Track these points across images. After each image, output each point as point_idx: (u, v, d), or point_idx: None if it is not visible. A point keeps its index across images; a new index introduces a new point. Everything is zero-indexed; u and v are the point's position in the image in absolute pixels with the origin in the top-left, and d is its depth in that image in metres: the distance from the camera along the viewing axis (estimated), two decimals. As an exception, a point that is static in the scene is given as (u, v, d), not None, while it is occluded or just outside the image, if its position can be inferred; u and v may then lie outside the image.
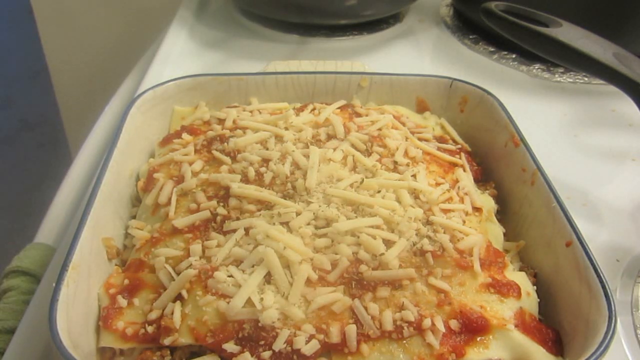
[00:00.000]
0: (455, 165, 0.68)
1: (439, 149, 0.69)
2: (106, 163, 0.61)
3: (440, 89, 0.78)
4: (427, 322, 0.48)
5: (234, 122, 0.70)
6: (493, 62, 1.09)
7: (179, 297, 0.51)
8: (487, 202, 0.65)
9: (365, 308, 0.49)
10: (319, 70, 0.80)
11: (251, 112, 0.73)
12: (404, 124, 0.72)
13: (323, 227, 0.55)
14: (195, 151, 0.66)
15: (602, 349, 0.45)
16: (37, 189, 2.34)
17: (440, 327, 0.48)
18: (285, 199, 0.58)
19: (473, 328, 0.49)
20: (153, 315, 0.50)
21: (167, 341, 0.48)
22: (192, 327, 0.48)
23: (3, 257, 0.76)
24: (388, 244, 0.53)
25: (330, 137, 0.67)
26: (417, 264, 0.53)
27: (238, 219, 0.56)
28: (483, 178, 0.71)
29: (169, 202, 0.59)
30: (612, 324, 0.47)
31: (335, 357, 0.47)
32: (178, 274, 0.52)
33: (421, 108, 0.79)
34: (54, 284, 0.48)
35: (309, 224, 0.55)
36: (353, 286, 0.51)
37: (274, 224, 0.55)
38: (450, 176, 0.65)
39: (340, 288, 0.51)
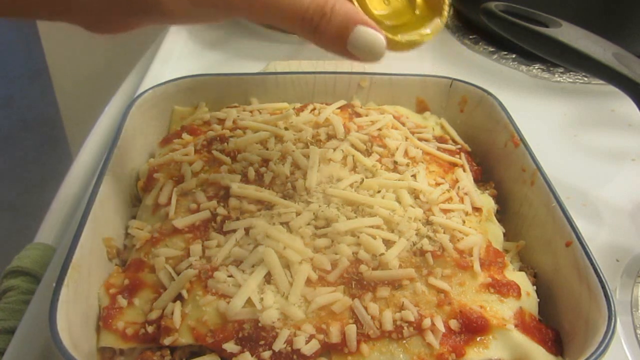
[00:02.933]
0: (455, 165, 0.68)
1: (438, 149, 0.69)
2: (106, 163, 0.61)
3: (440, 89, 0.78)
4: (427, 322, 0.48)
5: (234, 122, 0.70)
6: (493, 62, 1.09)
7: (179, 297, 0.51)
8: (487, 202, 0.65)
9: (365, 308, 0.49)
10: (319, 70, 0.80)
11: (251, 112, 0.73)
12: (404, 124, 0.72)
13: (323, 227, 0.55)
14: (195, 151, 0.66)
15: (602, 349, 0.45)
16: (37, 189, 2.34)
17: (440, 327, 0.48)
18: (285, 199, 0.58)
19: (473, 328, 0.49)
20: (153, 315, 0.50)
21: (167, 341, 0.48)
22: (192, 327, 0.48)
23: (3, 257, 0.76)
24: (388, 244, 0.53)
25: (330, 137, 0.67)
26: (417, 264, 0.53)
27: (238, 219, 0.56)
28: (483, 178, 0.71)
29: (169, 202, 0.59)
30: (612, 324, 0.47)
31: (335, 357, 0.47)
32: (178, 274, 0.52)
33: (421, 108, 0.79)
34: (54, 284, 0.48)
35: (309, 224, 0.55)
36: (353, 286, 0.51)
37: (274, 224, 0.55)
38: (450, 176, 0.65)
39: (340, 288, 0.51)
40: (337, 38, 0.47)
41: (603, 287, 0.49)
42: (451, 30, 1.21)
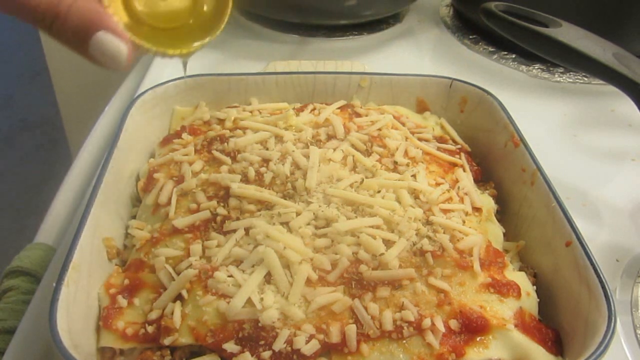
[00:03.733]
0: (455, 165, 0.68)
1: (438, 149, 0.69)
2: (106, 163, 0.61)
3: (440, 89, 0.78)
4: (427, 322, 0.48)
5: (234, 122, 0.70)
6: (493, 62, 1.10)
7: (179, 297, 0.51)
8: (487, 202, 0.65)
9: (365, 308, 0.49)
10: (319, 70, 0.80)
11: (251, 112, 0.73)
12: (404, 124, 0.72)
13: (323, 227, 0.55)
14: (196, 151, 0.66)
15: (601, 348, 0.45)
16: (37, 189, 2.34)
17: (440, 327, 0.48)
18: (285, 199, 0.58)
19: (473, 328, 0.49)
20: (153, 315, 0.50)
21: (167, 341, 0.48)
22: (192, 327, 0.48)
23: (3, 257, 0.76)
24: (388, 244, 0.53)
25: (330, 137, 0.67)
26: (417, 264, 0.53)
27: (238, 219, 0.56)
28: (483, 178, 0.71)
29: (169, 202, 0.59)
30: (612, 324, 0.47)
31: (335, 357, 0.47)
32: (178, 274, 0.52)
33: (421, 108, 0.79)
34: (54, 284, 0.48)
35: (309, 224, 0.55)
36: (353, 286, 0.51)
37: (274, 224, 0.55)
38: (450, 176, 0.65)
39: (340, 288, 0.51)
40: (76, 42, 0.44)
41: (603, 287, 0.49)
42: (451, 30, 1.21)
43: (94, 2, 0.44)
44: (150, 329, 0.49)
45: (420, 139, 0.69)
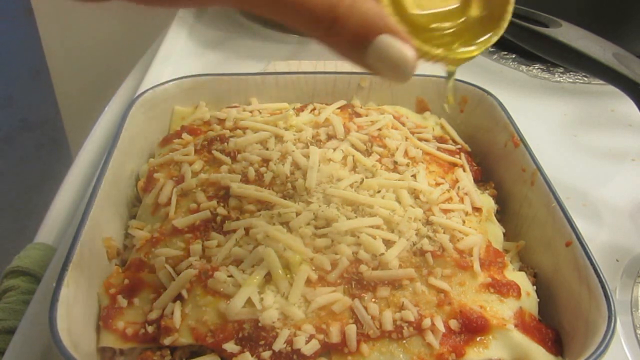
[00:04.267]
0: (455, 165, 0.68)
1: (438, 149, 0.69)
2: (106, 163, 0.61)
3: (440, 89, 0.78)
4: (427, 322, 0.48)
5: (234, 122, 0.70)
6: (493, 62, 1.10)
7: (179, 297, 0.51)
8: (487, 202, 0.65)
9: (365, 308, 0.49)
10: (319, 71, 0.80)
11: (251, 112, 0.73)
12: (404, 124, 0.72)
13: (323, 227, 0.55)
14: (195, 151, 0.66)
15: (601, 348, 0.45)
16: (37, 189, 2.34)
17: (440, 327, 0.48)
18: (285, 199, 0.58)
19: (473, 328, 0.49)
20: (153, 315, 0.50)
21: (167, 341, 0.48)
22: (192, 327, 0.48)
23: (3, 257, 0.76)
24: (388, 244, 0.53)
25: (330, 137, 0.67)
26: (417, 264, 0.53)
27: (238, 219, 0.56)
28: (483, 178, 0.71)
29: (169, 202, 0.59)
30: (612, 324, 0.47)
31: (335, 357, 0.47)
32: (178, 274, 0.52)
33: (421, 108, 0.80)
34: (54, 284, 0.48)
35: (309, 224, 0.55)
36: (353, 286, 0.51)
37: (274, 224, 0.55)
38: (450, 176, 0.65)
39: (340, 288, 0.51)
40: (353, 47, 0.37)
41: (603, 287, 0.49)
42: (451, 30, 1.21)
43: (371, 1, 0.37)
44: (150, 329, 0.49)
45: (420, 139, 0.69)
